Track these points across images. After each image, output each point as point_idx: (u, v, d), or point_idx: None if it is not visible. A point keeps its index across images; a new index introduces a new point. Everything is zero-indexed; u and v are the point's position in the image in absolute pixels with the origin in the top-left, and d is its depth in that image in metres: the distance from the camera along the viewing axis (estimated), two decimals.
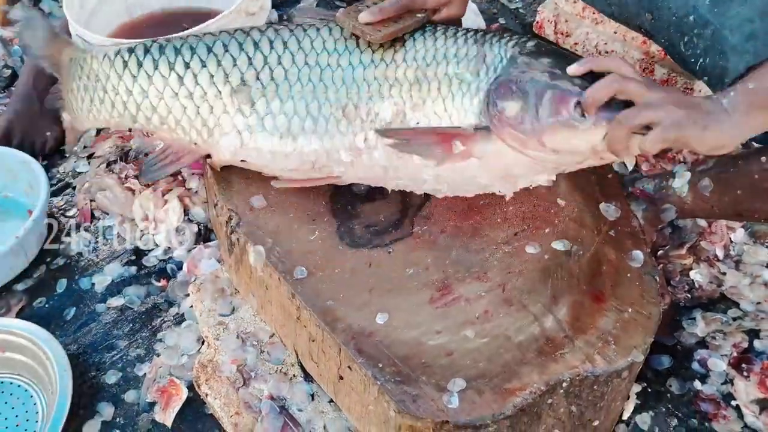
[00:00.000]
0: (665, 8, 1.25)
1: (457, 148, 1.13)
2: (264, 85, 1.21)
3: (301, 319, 1.17)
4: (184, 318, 1.41)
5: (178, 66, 1.23)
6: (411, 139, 1.15)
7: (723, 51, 1.13)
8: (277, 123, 1.20)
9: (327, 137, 1.19)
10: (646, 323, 1.14)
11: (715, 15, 1.16)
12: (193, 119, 1.23)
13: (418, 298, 1.15)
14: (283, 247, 1.21)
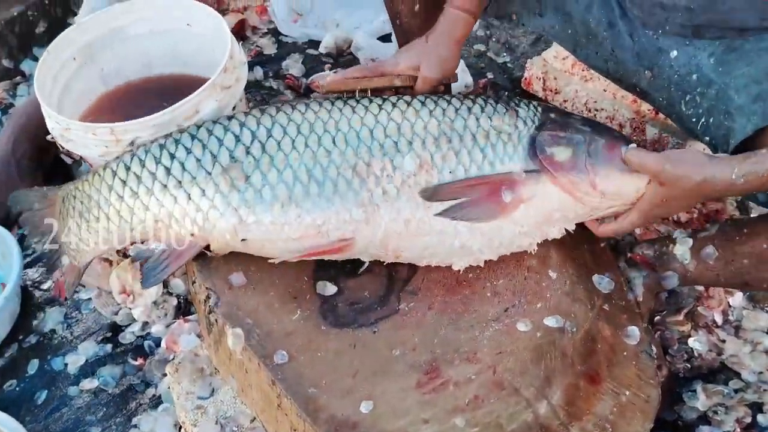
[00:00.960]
0: (667, 66, 1.22)
1: (508, 197, 1.14)
2: (256, 158, 1.17)
3: (282, 406, 1.11)
4: (161, 400, 1.35)
5: (164, 158, 1.20)
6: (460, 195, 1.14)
7: (728, 111, 1.11)
8: (276, 192, 1.15)
9: (336, 197, 1.15)
10: (645, 407, 1.09)
11: (720, 74, 1.14)
12: (185, 206, 1.18)
13: (405, 382, 1.09)
14: (264, 328, 1.16)
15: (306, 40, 2.28)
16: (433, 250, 1.18)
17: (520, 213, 1.15)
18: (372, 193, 1.15)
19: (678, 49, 1.19)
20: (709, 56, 1.15)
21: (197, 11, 1.54)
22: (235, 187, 1.16)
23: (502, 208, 1.14)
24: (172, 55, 1.62)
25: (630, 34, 1.27)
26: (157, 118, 1.29)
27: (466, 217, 1.14)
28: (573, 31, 1.36)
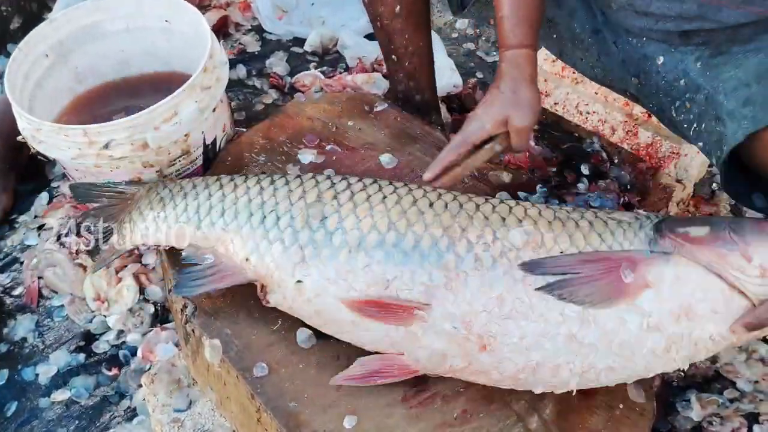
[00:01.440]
0: (653, 72, 1.19)
1: (629, 277, 0.94)
2: (340, 204, 1.07)
3: (262, 421, 1.06)
4: (136, 413, 1.29)
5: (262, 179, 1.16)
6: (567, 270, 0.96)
7: (719, 117, 1.07)
8: (348, 238, 1.03)
9: (416, 253, 1.00)
10: (639, 420, 1.05)
11: (708, 79, 1.10)
12: (255, 229, 1.09)
13: (390, 396, 1.04)
14: (243, 339, 1.10)
15: (290, 38, 2.23)
16: (533, 341, 0.95)
17: (646, 299, 0.94)
18: (461, 259, 0.99)
19: (664, 55, 1.16)
20: (696, 60, 1.12)
21: (176, 7, 1.49)
22: (309, 225, 1.06)
23: (621, 289, 0.94)
24: (151, 53, 1.57)
25: (614, 41, 1.23)
26: (133, 120, 1.24)
27: (573, 295, 0.94)
28: (558, 36, 1.32)
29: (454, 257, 0.99)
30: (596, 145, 1.74)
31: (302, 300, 1.04)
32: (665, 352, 0.94)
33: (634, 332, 0.93)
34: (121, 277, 1.43)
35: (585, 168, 1.68)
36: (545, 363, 0.95)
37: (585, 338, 0.94)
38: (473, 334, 0.96)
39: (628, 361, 0.95)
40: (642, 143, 1.65)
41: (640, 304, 0.93)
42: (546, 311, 0.95)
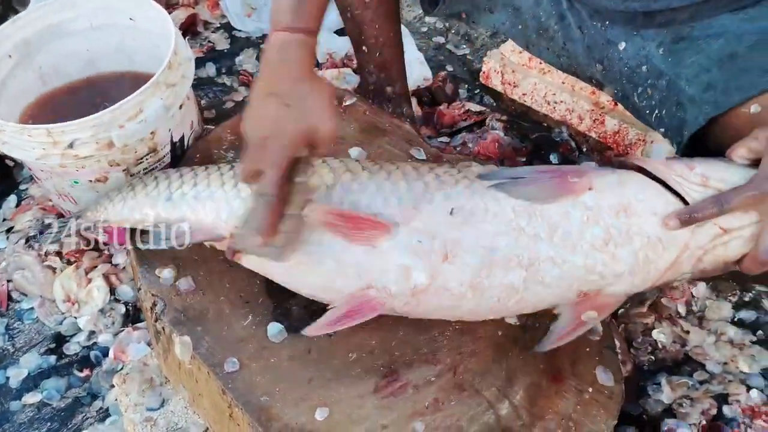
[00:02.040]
0: (616, 59, 1.20)
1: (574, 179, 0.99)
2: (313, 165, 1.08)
3: (233, 416, 1.06)
4: (108, 413, 1.29)
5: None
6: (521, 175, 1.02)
7: (680, 102, 1.08)
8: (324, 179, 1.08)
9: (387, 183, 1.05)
10: (608, 404, 1.06)
11: (670, 65, 1.11)
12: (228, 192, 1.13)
13: (362, 387, 1.05)
14: (213, 336, 1.10)
15: (260, 35, 2.22)
16: (487, 241, 0.98)
17: (588, 197, 0.97)
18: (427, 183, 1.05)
19: (627, 41, 1.17)
20: (658, 47, 1.12)
21: (141, 5, 1.48)
22: None
23: (567, 188, 0.97)
24: (116, 52, 1.55)
25: (579, 26, 1.24)
26: (97, 119, 1.22)
27: (522, 193, 0.99)
28: (524, 26, 1.33)
29: (422, 184, 1.04)
30: (564, 135, 1.75)
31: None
32: (603, 245, 0.96)
33: (575, 224, 0.97)
34: (90, 278, 1.42)
35: (554, 157, 1.69)
36: (498, 261, 0.98)
37: (532, 230, 0.98)
38: (437, 244, 1.00)
39: (569, 253, 0.97)
40: (609, 131, 1.67)
41: (583, 200, 0.98)
42: (500, 211, 1.00)
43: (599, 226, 0.96)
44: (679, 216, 0.93)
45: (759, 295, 1.52)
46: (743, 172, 0.94)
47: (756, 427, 1.28)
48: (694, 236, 0.95)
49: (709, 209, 0.91)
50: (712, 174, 0.95)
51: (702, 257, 0.97)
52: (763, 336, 1.44)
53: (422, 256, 1.00)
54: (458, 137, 1.79)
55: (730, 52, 1.03)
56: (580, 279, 0.99)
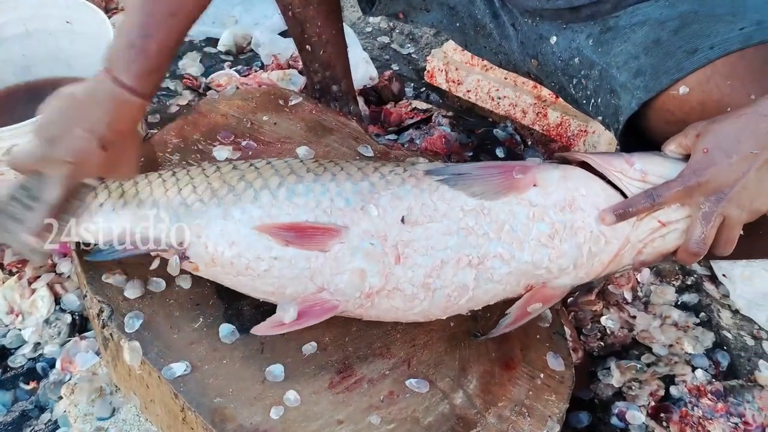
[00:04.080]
0: (549, 53, 1.22)
1: (518, 175, 1.00)
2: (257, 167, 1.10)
3: (187, 420, 1.04)
4: (57, 425, 1.25)
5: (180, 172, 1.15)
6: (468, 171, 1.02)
7: (613, 90, 1.11)
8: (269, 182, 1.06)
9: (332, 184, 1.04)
10: (560, 388, 1.08)
11: (600, 55, 1.14)
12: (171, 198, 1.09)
13: (316, 384, 1.04)
14: (163, 339, 1.08)
15: (203, 38, 2.20)
16: (437, 240, 0.99)
17: (533, 193, 0.99)
18: (373, 184, 1.04)
19: (557, 35, 1.19)
20: (587, 38, 1.16)
21: (78, 8, 1.45)
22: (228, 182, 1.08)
23: (512, 184, 0.99)
24: (54, 57, 1.52)
25: (512, 23, 1.26)
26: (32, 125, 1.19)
27: (468, 188, 1.00)
28: (461, 24, 1.35)
29: (368, 184, 1.04)
30: (509, 129, 1.78)
31: (225, 245, 1.04)
32: (549, 240, 0.99)
33: (521, 221, 0.98)
34: (34, 288, 1.38)
35: (500, 151, 1.72)
36: (449, 260, 1.00)
37: (480, 229, 0.99)
38: (388, 247, 1.00)
39: (517, 249, 0.99)
40: (552, 123, 1.71)
41: (527, 197, 0.99)
42: (449, 210, 1.00)
43: (544, 223, 0.98)
44: (614, 211, 0.96)
45: (700, 278, 1.58)
46: (678, 166, 0.96)
47: (702, 405, 1.32)
48: (635, 230, 0.98)
49: (642, 203, 0.94)
50: (650, 169, 0.97)
51: (642, 249, 0.99)
52: (706, 317, 1.50)
53: (375, 259, 1.00)
54: (405, 134, 1.81)
55: (655, 38, 1.07)
56: (527, 274, 1.01)
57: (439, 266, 1.00)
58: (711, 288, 1.56)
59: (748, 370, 1.41)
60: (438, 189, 1.02)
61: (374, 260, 1.00)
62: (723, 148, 0.89)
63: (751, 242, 0.98)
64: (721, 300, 1.54)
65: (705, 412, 1.30)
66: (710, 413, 1.30)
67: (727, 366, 1.40)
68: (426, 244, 1.00)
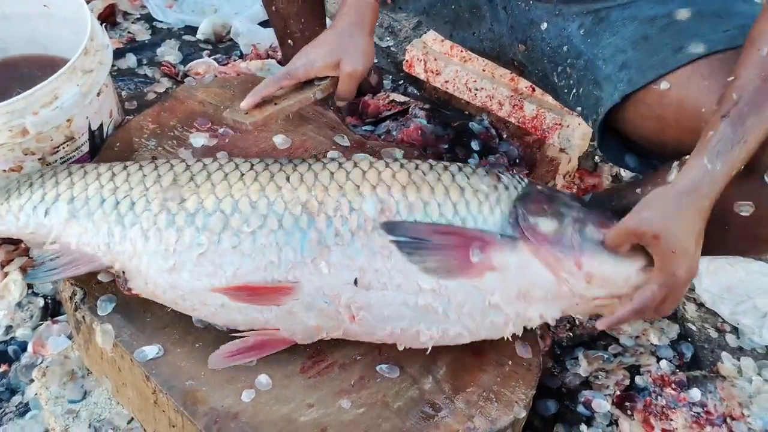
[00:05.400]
0: (539, 39, 1.24)
1: (476, 257, 0.99)
2: (198, 185, 1.07)
3: (158, 403, 1.05)
4: (28, 408, 1.25)
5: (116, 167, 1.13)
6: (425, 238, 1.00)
7: (597, 81, 1.13)
8: (211, 221, 1.03)
9: (280, 233, 1.01)
10: (527, 375, 1.10)
11: (589, 45, 1.16)
12: (108, 214, 1.07)
13: (288, 368, 1.06)
14: (136, 323, 1.09)
15: (182, 26, 2.19)
16: (394, 310, 1.00)
17: (490, 281, 1.00)
18: (322, 234, 1.01)
19: (548, 21, 1.21)
20: (579, 27, 1.18)
21: None
22: (167, 208, 1.05)
23: (467, 267, 0.99)
24: (30, 40, 1.51)
25: (504, 6, 1.28)
26: (11, 104, 1.19)
27: (423, 261, 0.99)
28: (457, 6, 1.35)
29: (316, 233, 1.02)
30: (485, 122, 1.80)
31: (166, 285, 1.04)
32: (504, 326, 1.03)
33: (479, 307, 1.01)
34: (7, 272, 1.38)
35: (475, 144, 1.74)
36: (408, 329, 1.02)
37: (439, 307, 1.00)
38: (342, 307, 1.01)
39: (474, 330, 1.03)
40: (528, 116, 1.73)
41: (486, 283, 1.00)
42: (404, 282, 1.00)
43: (501, 312, 1.02)
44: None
45: None
46: (627, 267, 1.01)
47: (666, 395, 1.35)
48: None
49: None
50: (597, 273, 1.01)
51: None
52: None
53: (329, 316, 1.02)
54: (382, 125, 1.82)
55: (644, 35, 1.10)
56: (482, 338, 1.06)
57: (399, 333, 1.02)
58: None
59: (711, 361, 1.44)
60: (391, 255, 1.00)
61: (329, 317, 1.02)
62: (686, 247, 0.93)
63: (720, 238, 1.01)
64: (687, 293, 1.57)
65: (668, 402, 1.33)
66: (673, 402, 1.33)
67: (690, 357, 1.44)
68: (382, 310, 1.01)
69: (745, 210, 0.94)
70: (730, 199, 0.95)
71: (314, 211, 1.03)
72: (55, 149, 1.28)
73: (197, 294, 1.03)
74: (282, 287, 1.00)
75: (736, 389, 1.37)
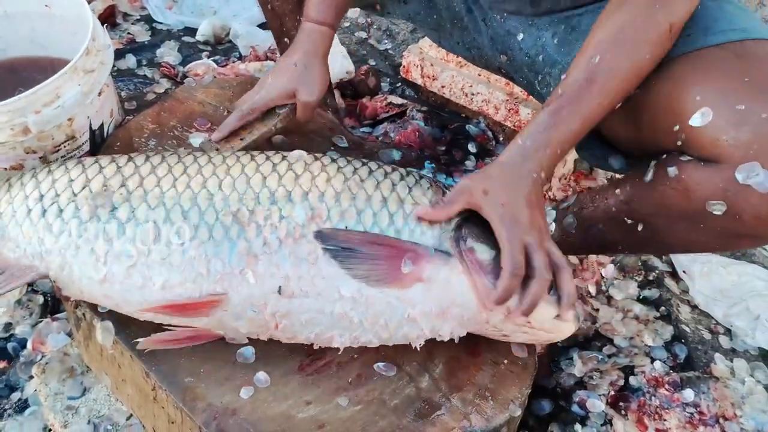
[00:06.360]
0: (517, 49, 1.26)
1: (407, 268, 1.00)
2: (129, 191, 1.06)
3: (157, 399, 1.06)
4: (27, 404, 1.26)
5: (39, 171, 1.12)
6: (357, 246, 1.00)
7: None
8: (140, 231, 1.03)
9: (210, 244, 1.01)
10: (522, 374, 1.11)
11: (562, 54, 1.18)
12: (35, 222, 1.06)
13: (286, 366, 1.07)
14: (136, 320, 1.09)
15: (182, 28, 2.21)
16: (312, 317, 1.02)
17: (415, 293, 1.01)
18: (251, 244, 1.01)
19: (524, 32, 1.23)
20: (552, 37, 1.20)
21: None
22: (97, 216, 1.04)
23: (397, 277, 1.00)
24: (30, 40, 1.52)
25: (483, 19, 1.30)
26: (12, 103, 1.20)
27: (354, 269, 1.00)
28: (438, 16, 1.37)
29: (245, 243, 1.02)
30: (482, 125, 1.82)
31: (99, 294, 1.05)
32: (416, 338, 1.05)
33: (396, 318, 1.02)
34: None
35: (472, 146, 1.76)
36: (322, 335, 1.04)
37: (355, 317, 1.02)
38: (267, 315, 1.02)
39: (385, 339, 1.05)
40: (524, 120, 1.74)
41: (410, 295, 1.01)
42: (325, 289, 1.01)
43: (416, 325, 1.03)
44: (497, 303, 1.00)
45: (662, 274, 1.63)
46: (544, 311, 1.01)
47: (659, 395, 1.36)
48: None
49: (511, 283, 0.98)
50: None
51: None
52: (666, 312, 1.54)
53: (257, 324, 1.03)
54: (380, 127, 1.83)
55: None
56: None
57: (313, 337, 1.04)
58: (671, 284, 1.61)
59: (704, 362, 1.46)
60: (317, 262, 1.01)
61: (257, 325, 1.04)
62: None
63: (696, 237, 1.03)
64: (681, 295, 1.59)
65: (662, 402, 1.35)
66: (667, 403, 1.35)
67: (684, 358, 1.45)
68: (300, 317, 1.02)
69: (717, 209, 0.96)
70: (702, 198, 0.96)
71: (244, 221, 1.03)
72: (56, 148, 1.29)
73: (130, 305, 1.04)
74: (209, 301, 1.01)
75: (729, 390, 1.39)
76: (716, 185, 0.94)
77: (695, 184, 0.96)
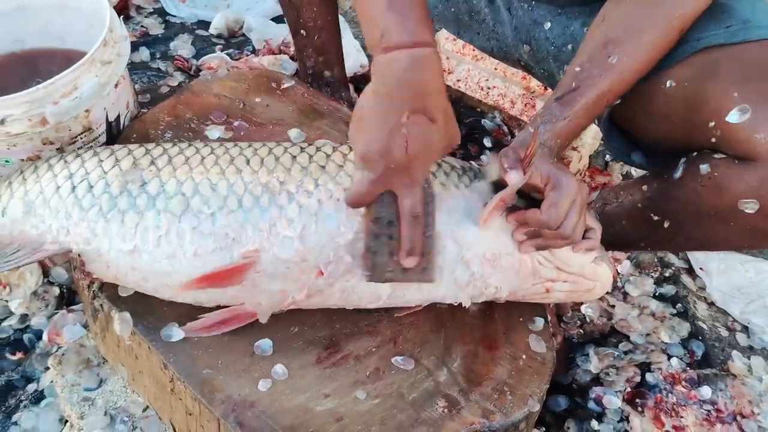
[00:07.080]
0: (543, 39, 1.25)
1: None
2: (159, 168, 1.07)
3: (175, 391, 1.06)
4: (43, 395, 1.26)
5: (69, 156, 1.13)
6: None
7: None
8: (172, 203, 1.03)
9: (240, 212, 1.02)
10: (541, 369, 1.10)
11: None
12: (65, 198, 1.06)
13: (304, 358, 1.07)
14: (153, 311, 1.09)
15: (195, 21, 2.20)
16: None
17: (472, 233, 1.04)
18: (283, 210, 1.02)
19: (552, 20, 1.22)
20: (582, 26, 1.18)
21: None
22: (128, 191, 1.05)
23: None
24: (46, 32, 1.52)
25: (508, 8, 1.28)
26: (31, 94, 1.19)
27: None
28: (456, 9, 1.36)
29: (278, 209, 1.03)
30: (497, 119, 1.81)
31: (127, 266, 1.04)
32: (464, 286, 1.06)
33: (450, 259, 1.04)
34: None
35: (488, 141, 1.75)
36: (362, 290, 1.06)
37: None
38: (309, 265, 1.02)
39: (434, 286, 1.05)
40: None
41: (466, 237, 1.04)
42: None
43: (467, 268, 1.05)
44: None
45: (678, 271, 1.62)
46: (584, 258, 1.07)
47: (676, 392, 1.36)
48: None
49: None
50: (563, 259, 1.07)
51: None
52: (682, 308, 1.53)
53: (295, 279, 1.03)
54: None
55: None
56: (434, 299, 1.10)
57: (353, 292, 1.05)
58: (688, 280, 1.60)
59: (721, 359, 1.45)
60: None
61: (295, 280, 1.03)
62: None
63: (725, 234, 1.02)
64: (698, 292, 1.58)
65: (679, 399, 1.34)
66: (684, 400, 1.34)
67: (701, 355, 1.45)
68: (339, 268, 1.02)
69: (750, 207, 0.95)
70: (734, 196, 0.96)
71: (275, 190, 1.04)
72: (73, 139, 1.29)
73: (159, 276, 1.04)
74: (242, 265, 1.01)
75: (746, 387, 1.38)
76: (749, 183, 0.93)
77: (728, 182, 0.95)
